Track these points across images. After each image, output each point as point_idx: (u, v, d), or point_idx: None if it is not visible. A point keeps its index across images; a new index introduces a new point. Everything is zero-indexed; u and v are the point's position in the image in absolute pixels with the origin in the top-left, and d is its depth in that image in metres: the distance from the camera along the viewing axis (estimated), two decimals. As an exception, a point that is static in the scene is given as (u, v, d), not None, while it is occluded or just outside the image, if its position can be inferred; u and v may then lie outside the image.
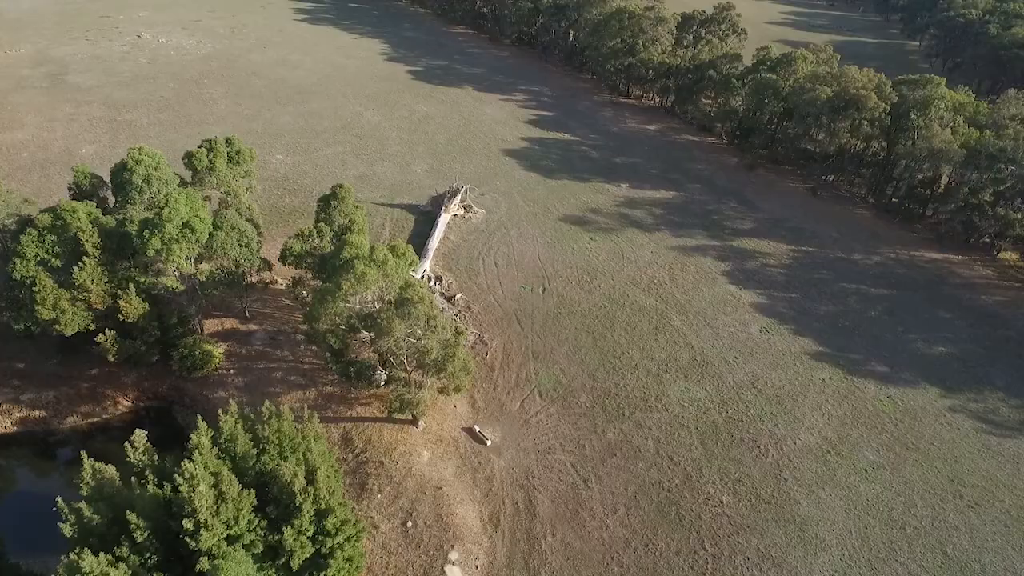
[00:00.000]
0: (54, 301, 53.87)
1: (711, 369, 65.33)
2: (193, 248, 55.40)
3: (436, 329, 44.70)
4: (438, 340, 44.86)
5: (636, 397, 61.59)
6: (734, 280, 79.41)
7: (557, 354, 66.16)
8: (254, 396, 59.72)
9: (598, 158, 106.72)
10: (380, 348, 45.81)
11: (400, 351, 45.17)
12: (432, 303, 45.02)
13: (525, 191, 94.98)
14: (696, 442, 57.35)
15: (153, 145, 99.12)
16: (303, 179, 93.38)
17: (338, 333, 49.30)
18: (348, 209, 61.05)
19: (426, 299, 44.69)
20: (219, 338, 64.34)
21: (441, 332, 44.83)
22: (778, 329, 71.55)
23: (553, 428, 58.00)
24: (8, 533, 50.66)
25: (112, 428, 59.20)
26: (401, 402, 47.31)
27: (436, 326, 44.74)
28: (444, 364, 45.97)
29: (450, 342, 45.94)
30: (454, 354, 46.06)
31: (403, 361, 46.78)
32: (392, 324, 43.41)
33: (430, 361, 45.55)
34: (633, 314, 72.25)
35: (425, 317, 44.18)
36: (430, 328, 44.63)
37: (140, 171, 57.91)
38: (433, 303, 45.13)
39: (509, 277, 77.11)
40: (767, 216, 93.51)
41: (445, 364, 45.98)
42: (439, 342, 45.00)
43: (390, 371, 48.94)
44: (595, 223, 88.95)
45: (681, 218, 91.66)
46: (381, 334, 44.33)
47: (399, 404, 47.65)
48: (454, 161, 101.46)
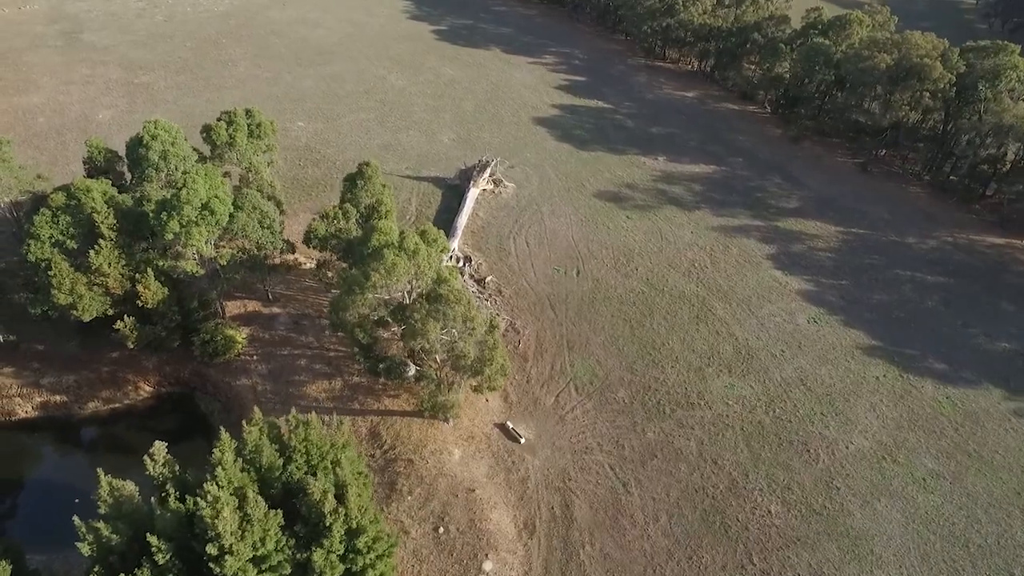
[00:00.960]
0: (71, 285, 51.42)
1: (757, 363, 61.68)
2: (213, 231, 52.36)
3: (474, 331, 41.50)
4: (475, 341, 41.71)
5: (677, 393, 58.33)
6: (779, 265, 74.92)
7: (593, 344, 62.86)
8: (278, 384, 57.52)
9: (633, 128, 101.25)
10: (412, 347, 42.83)
11: (434, 353, 42.19)
12: (469, 302, 41.72)
13: (557, 164, 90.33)
14: (742, 444, 54.19)
15: (171, 110, 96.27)
16: (326, 148, 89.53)
17: (366, 327, 46.30)
18: (375, 189, 57.38)
19: (463, 298, 41.31)
20: (241, 322, 61.83)
21: (479, 334, 41.60)
22: (827, 320, 67.37)
23: (590, 426, 55.12)
24: (29, 523, 49.68)
25: (133, 415, 57.48)
26: (433, 404, 44.51)
27: (474, 328, 41.53)
28: (481, 367, 42.94)
29: (488, 344, 42.77)
30: (492, 357, 42.97)
31: (436, 360, 43.80)
32: (427, 325, 40.27)
33: (466, 365, 42.53)
34: (673, 301, 68.43)
35: (462, 318, 40.94)
36: (467, 330, 41.45)
37: (156, 147, 54.54)
38: (470, 302, 41.86)
39: (541, 258, 73.40)
40: (813, 194, 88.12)
41: (482, 368, 42.96)
42: (476, 344, 41.86)
43: (421, 367, 46.02)
44: (631, 200, 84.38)
45: (722, 195, 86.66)
46: (414, 334, 41.27)
47: (431, 406, 44.88)
48: (482, 130, 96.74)
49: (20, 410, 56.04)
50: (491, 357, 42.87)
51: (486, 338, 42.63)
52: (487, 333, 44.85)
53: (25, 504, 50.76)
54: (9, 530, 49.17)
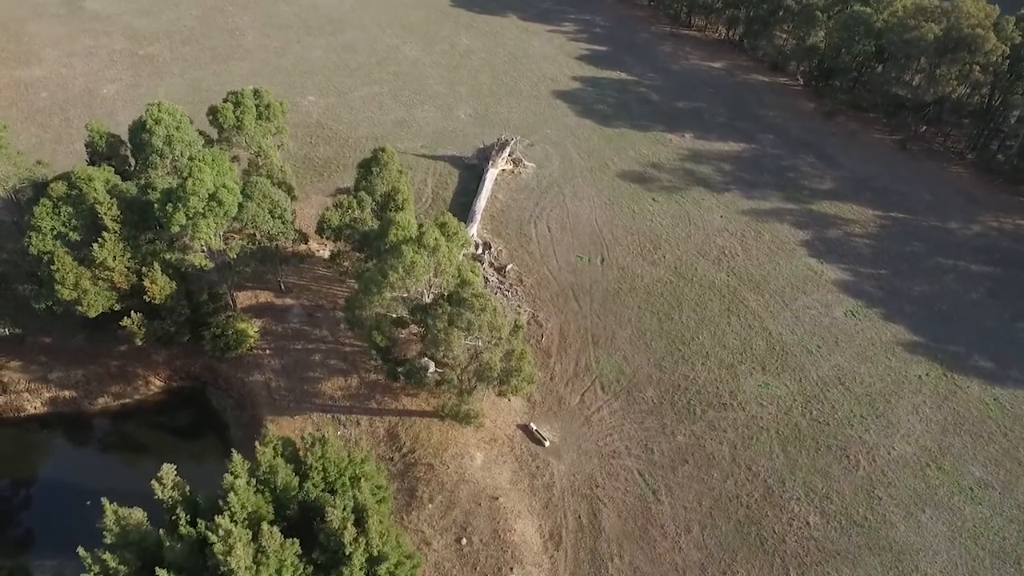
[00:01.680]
0: (75, 280, 49.05)
1: (792, 360, 58.68)
2: (221, 223, 49.55)
3: (500, 341, 38.77)
4: (502, 351, 39.02)
5: (708, 392, 55.61)
6: (814, 252, 71.19)
7: (619, 338, 60.02)
8: (292, 381, 55.38)
9: (658, 102, 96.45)
10: (434, 356, 40.24)
11: (458, 364, 39.60)
12: (496, 309, 38.87)
13: (579, 141, 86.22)
14: (777, 449, 51.60)
15: (176, 84, 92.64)
16: (337, 125, 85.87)
17: (383, 328, 43.68)
18: (391, 175, 54.16)
19: (488, 305, 38.44)
20: (253, 313, 59.46)
21: (505, 342, 38.85)
22: (866, 313, 63.96)
23: (617, 427, 52.67)
24: (41, 525, 48.33)
25: (144, 410, 55.74)
26: (456, 414, 42.09)
27: (501, 337, 38.78)
28: (507, 377, 40.35)
29: (515, 353, 40.04)
30: (520, 367, 40.31)
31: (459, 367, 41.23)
32: (451, 336, 37.56)
33: (492, 376, 39.93)
34: (702, 291, 65.19)
35: (488, 327, 38.16)
36: (494, 340, 38.72)
37: (160, 132, 51.42)
38: (496, 309, 39.01)
39: (564, 244, 70.14)
40: (849, 174, 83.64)
41: (508, 378, 40.36)
42: (503, 353, 39.17)
43: (442, 372, 43.49)
44: (657, 180, 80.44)
45: (752, 176, 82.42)
46: (436, 344, 38.61)
47: (453, 415, 42.48)
48: (499, 104, 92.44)
49: (29, 406, 54.43)
50: (518, 367, 40.26)
51: (512, 345, 39.83)
52: (511, 335, 42.04)
53: (36, 505, 49.40)
54: (20, 532, 47.99)
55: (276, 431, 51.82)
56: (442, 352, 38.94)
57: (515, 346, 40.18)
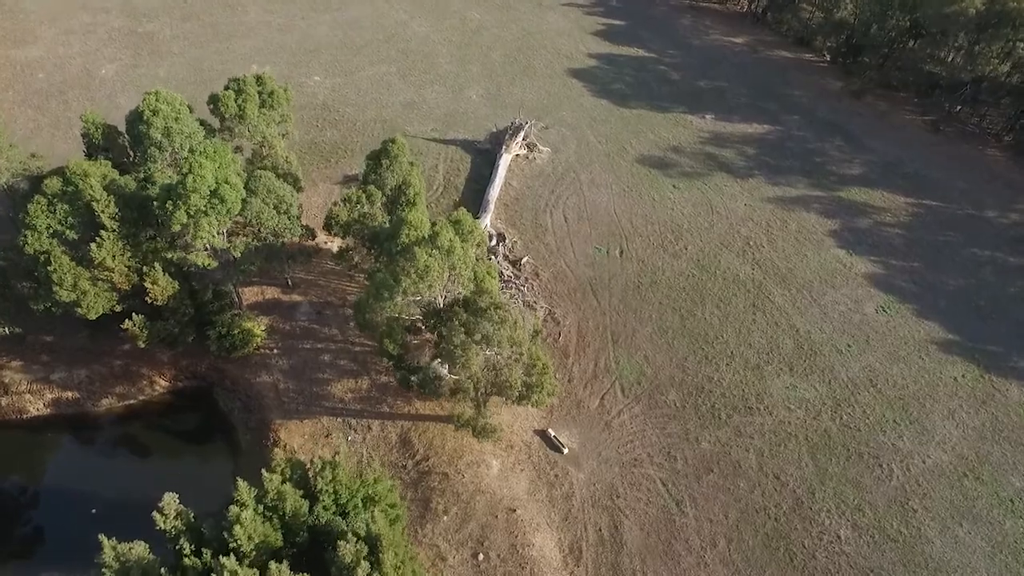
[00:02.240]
0: (73, 281, 46.95)
1: (820, 361, 56.14)
2: (224, 221, 47.10)
3: (522, 357, 36.46)
4: (523, 367, 36.74)
5: (734, 395, 53.30)
6: (843, 243, 68.04)
7: (639, 336, 57.60)
8: (300, 382, 53.51)
9: (678, 81, 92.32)
10: (452, 374, 37.99)
11: (478, 384, 37.35)
12: (515, 323, 36.42)
13: (595, 124, 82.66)
14: (806, 457, 49.40)
15: (177, 64, 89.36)
16: (345, 107, 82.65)
17: (395, 335, 41.43)
18: (402, 168, 51.35)
19: (508, 317, 35.97)
20: (260, 311, 57.40)
21: (527, 357, 36.52)
22: (898, 309, 61.09)
23: (639, 433, 50.58)
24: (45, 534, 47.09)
25: (150, 411, 54.12)
26: (472, 427, 40.06)
27: (522, 353, 36.46)
28: (528, 393, 38.13)
29: (536, 368, 37.72)
30: (541, 383, 38.05)
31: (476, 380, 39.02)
32: (468, 352, 35.22)
33: (511, 393, 37.71)
34: (726, 286, 62.44)
35: (508, 342, 35.78)
36: (514, 355, 36.40)
37: (158, 123, 48.70)
38: (516, 322, 36.57)
39: (581, 235, 67.33)
40: (879, 158, 79.84)
41: (529, 393, 38.15)
42: (524, 367, 36.89)
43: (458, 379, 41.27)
44: (678, 166, 77.05)
45: (777, 160, 78.83)
46: (453, 359, 36.32)
47: (470, 427, 40.42)
48: (512, 84, 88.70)
49: (31, 407, 52.90)
50: (539, 383, 38.02)
51: (533, 359, 37.46)
52: (531, 340, 39.61)
53: (41, 511, 48.12)
54: (24, 541, 46.81)
55: (285, 436, 50.32)
56: (459, 368, 36.70)
57: (536, 358, 37.81)
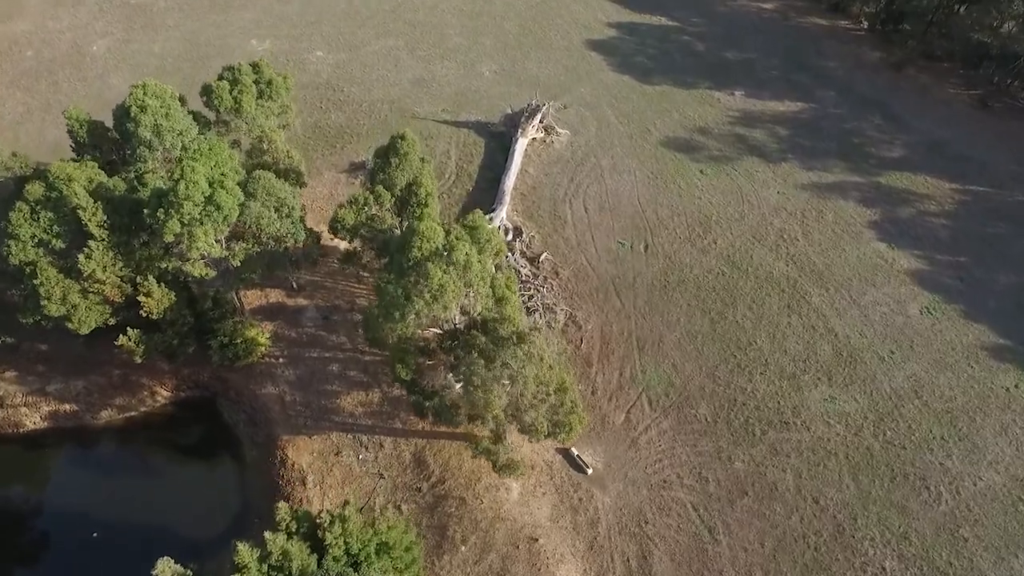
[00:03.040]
0: (62, 294, 43.78)
1: (861, 369, 52.48)
2: (221, 228, 43.47)
3: (549, 398, 33.11)
4: (550, 409, 33.40)
5: (768, 409, 49.96)
6: (883, 235, 63.51)
7: (667, 342, 54.06)
8: (308, 394, 50.65)
9: (704, 52, 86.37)
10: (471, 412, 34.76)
11: (500, 425, 34.12)
12: (542, 358, 32.84)
13: (616, 102, 77.48)
14: (847, 478, 46.24)
15: (172, 38, 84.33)
16: (350, 86, 77.85)
17: (408, 362, 38.13)
18: (413, 167, 47.26)
19: (535, 353, 32.39)
20: (263, 316, 54.22)
21: (555, 401, 33.15)
22: (944, 310, 56.99)
23: (667, 451, 47.52)
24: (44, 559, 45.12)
25: (152, 424, 51.60)
26: (494, 462, 37.03)
27: (550, 393, 33.10)
28: (556, 432, 34.89)
29: (565, 407, 34.38)
30: (570, 423, 34.74)
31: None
32: (490, 394, 31.84)
33: (537, 435, 34.47)
34: (759, 285, 58.45)
35: (535, 381, 32.34)
36: (541, 395, 33.03)
37: (146, 120, 44.67)
38: (544, 358, 32.99)
39: (603, 228, 63.20)
40: (921, 138, 74.42)
41: (556, 432, 34.91)
42: (551, 411, 33.57)
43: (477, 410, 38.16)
44: (705, 149, 72.12)
45: (812, 141, 73.64)
46: (473, 401, 33.04)
47: (490, 459, 37.40)
48: (527, 59, 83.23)
49: (27, 421, 50.48)
50: (568, 423, 34.74)
51: (561, 398, 34.04)
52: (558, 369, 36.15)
53: (39, 535, 46.08)
54: (21, 566, 44.87)
55: (293, 454, 47.74)
56: (479, 410, 33.47)
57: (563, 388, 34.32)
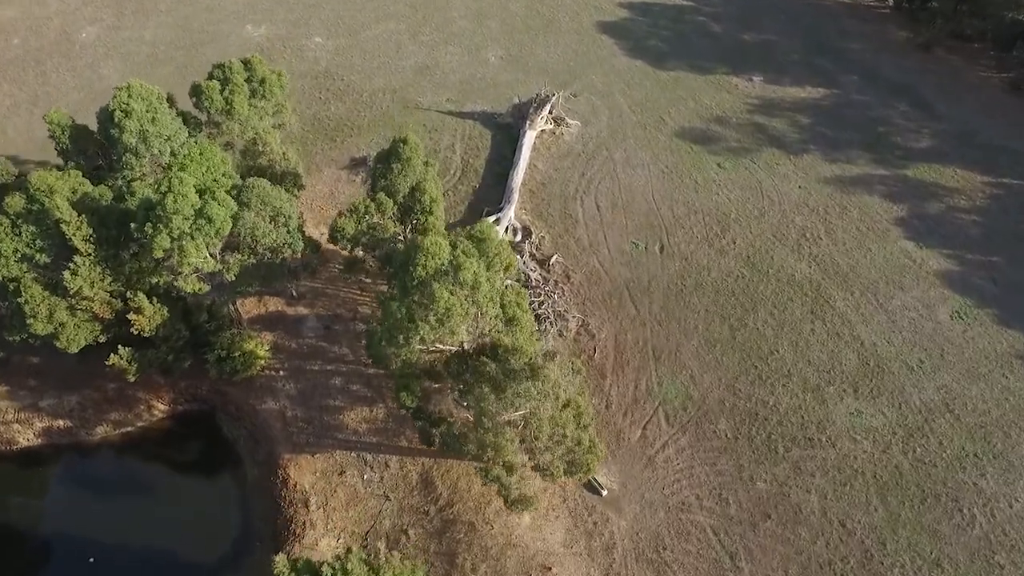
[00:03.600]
0: (48, 312, 41.58)
1: (889, 380, 49.97)
2: (214, 242, 41.01)
3: (565, 440, 30.81)
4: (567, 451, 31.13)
5: (792, 424, 47.64)
6: (911, 232, 60.38)
7: (684, 352, 51.61)
8: (310, 410, 48.64)
9: (721, 34, 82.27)
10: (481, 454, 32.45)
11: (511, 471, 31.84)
12: (558, 396, 30.44)
13: (629, 89, 73.91)
14: (875, 499, 44.06)
15: (164, 24, 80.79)
16: (350, 74, 74.52)
17: (413, 388, 35.89)
18: (416, 172, 44.48)
19: (550, 391, 29.92)
20: (262, 325, 51.98)
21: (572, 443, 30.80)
22: (976, 315, 54.15)
23: (686, 471, 45.38)
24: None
25: (149, 439, 49.81)
26: (505, 500, 34.95)
27: (566, 435, 30.79)
28: (573, 471, 32.69)
29: (583, 445, 32.04)
30: (587, 464, 32.49)
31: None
32: (501, 439, 29.47)
33: (554, 480, 32.28)
34: (780, 288, 55.70)
35: (551, 423, 30.01)
36: (556, 439, 30.70)
37: (131, 126, 41.91)
38: (559, 395, 30.57)
39: (616, 227, 60.35)
40: (951, 127, 70.69)
41: (572, 472, 32.72)
42: (567, 453, 31.30)
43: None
44: (722, 140, 68.74)
45: (835, 131, 70.05)
46: (484, 446, 30.77)
47: (500, 491, 35.31)
48: (535, 43, 79.47)
49: (21, 438, 48.71)
50: (586, 464, 32.49)
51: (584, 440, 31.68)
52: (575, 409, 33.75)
53: (33, 559, 44.53)
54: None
55: (295, 473, 46.02)
56: (491, 454, 31.22)
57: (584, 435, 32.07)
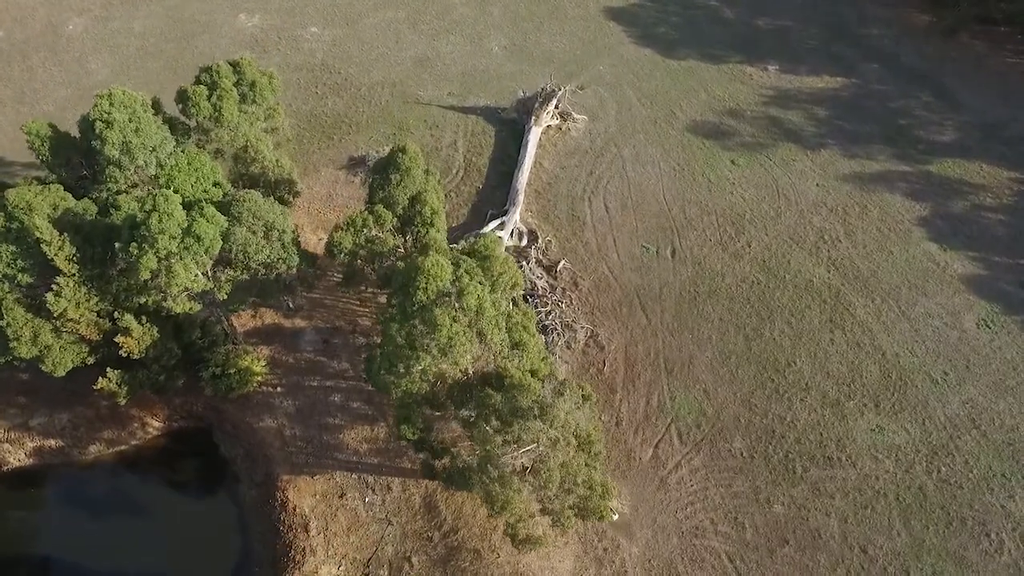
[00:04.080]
0: (32, 334, 39.68)
1: (912, 393, 47.87)
2: (204, 261, 38.87)
3: (577, 488, 28.87)
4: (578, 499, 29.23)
5: (810, 441, 45.70)
6: (935, 233, 57.77)
7: (698, 364, 49.56)
8: (308, 428, 46.94)
9: (733, 20, 78.65)
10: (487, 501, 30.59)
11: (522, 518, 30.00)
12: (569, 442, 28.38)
13: (638, 80, 70.82)
14: (898, 523, 42.25)
15: (155, 15, 77.61)
16: (347, 67, 71.59)
17: (415, 420, 33.99)
18: (415, 182, 42.09)
19: (560, 437, 27.79)
20: (258, 339, 50.07)
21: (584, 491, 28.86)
22: (1003, 322, 51.79)
23: (700, 492, 43.60)
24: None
25: (144, 458, 48.31)
26: (512, 539, 33.19)
27: (578, 484, 28.86)
28: (584, 517, 30.86)
29: (596, 491, 30.10)
30: (600, 510, 30.57)
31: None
32: (509, 489, 27.52)
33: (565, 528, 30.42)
34: (798, 295, 53.39)
35: (562, 471, 27.99)
36: (567, 487, 28.76)
37: (113, 137, 39.49)
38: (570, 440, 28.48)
39: (626, 230, 57.93)
40: (976, 118, 67.53)
41: (585, 517, 30.89)
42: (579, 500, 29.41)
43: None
44: (736, 134, 65.84)
45: (854, 124, 67.00)
46: (492, 500, 28.86)
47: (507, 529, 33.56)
48: (540, 31, 76.15)
49: (11, 458, 47.24)
50: (599, 510, 30.59)
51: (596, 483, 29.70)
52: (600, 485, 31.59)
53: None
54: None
55: (294, 496, 44.51)
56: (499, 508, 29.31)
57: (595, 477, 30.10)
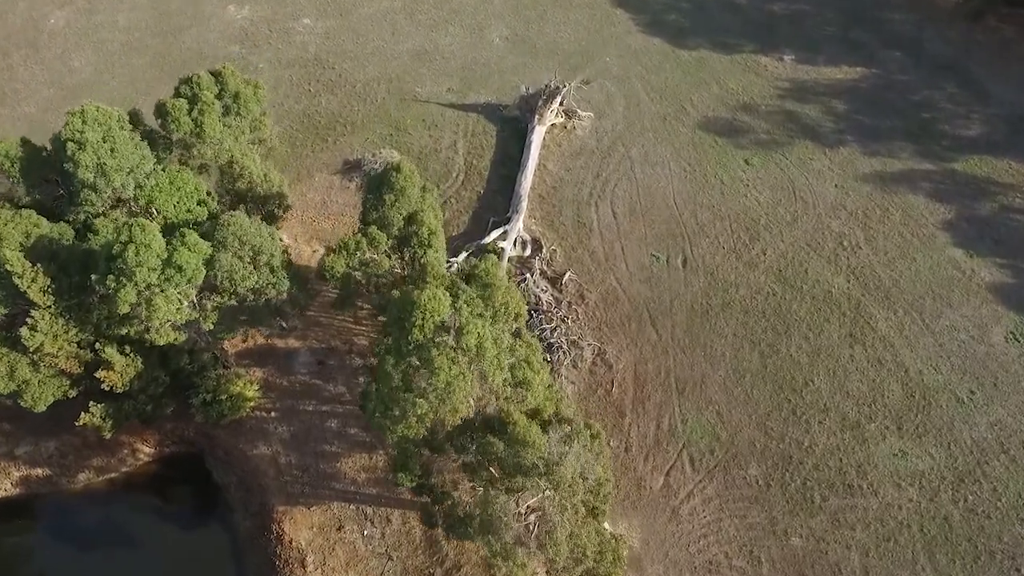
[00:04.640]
0: (8, 369, 37.63)
1: (936, 415, 45.53)
2: (186, 292, 36.55)
3: (587, 558, 26.77)
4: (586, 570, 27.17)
5: (829, 468, 43.56)
6: (960, 238, 54.84)
7: (710, 384, 47.27)
8: (304, 456, 45.08)
9: (745, 5, 74.64)
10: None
11: None
12: (578, 509, 26.19)
13: (647, 73, 67.36)
14: (922, 557, 40.27)
15: (139, 9, 73.99)
16: (342, 61, 68.37)
17: (412, 466, 31.96)
18: (411, 201, 39.46)
19: (568, 504, 25.56)
20: (250, 360, 47.97)
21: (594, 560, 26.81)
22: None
23: (713, 524, 41.64)
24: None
25: (135, 486, 46.68)
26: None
27: (587, 555, 26.79)
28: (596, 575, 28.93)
29: (606, 559, 27.98)
30: (613, 574, 28.55)
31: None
32: (513, 560, 25.45)
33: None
34: (816, 307, 50.80)
35: (570, 542, 25.81)
36: (576, 557, 26.68)
37: (86, 159, 36.88)
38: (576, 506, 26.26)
39: (634, 237, 55.22)
40: (1004, 110, 63.97)
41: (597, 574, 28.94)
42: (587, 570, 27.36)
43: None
44: (750, 132, 62.59)
45: (874, 119, 63.58)
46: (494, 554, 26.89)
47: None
48: (543, 20, 72.47)
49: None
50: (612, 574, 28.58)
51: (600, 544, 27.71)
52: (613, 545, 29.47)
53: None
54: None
55: (290, 528, 42.85)
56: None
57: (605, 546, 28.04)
